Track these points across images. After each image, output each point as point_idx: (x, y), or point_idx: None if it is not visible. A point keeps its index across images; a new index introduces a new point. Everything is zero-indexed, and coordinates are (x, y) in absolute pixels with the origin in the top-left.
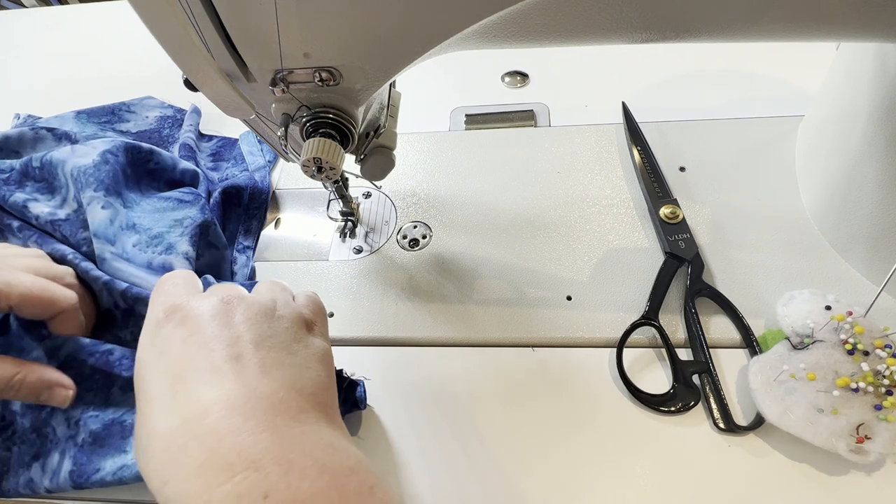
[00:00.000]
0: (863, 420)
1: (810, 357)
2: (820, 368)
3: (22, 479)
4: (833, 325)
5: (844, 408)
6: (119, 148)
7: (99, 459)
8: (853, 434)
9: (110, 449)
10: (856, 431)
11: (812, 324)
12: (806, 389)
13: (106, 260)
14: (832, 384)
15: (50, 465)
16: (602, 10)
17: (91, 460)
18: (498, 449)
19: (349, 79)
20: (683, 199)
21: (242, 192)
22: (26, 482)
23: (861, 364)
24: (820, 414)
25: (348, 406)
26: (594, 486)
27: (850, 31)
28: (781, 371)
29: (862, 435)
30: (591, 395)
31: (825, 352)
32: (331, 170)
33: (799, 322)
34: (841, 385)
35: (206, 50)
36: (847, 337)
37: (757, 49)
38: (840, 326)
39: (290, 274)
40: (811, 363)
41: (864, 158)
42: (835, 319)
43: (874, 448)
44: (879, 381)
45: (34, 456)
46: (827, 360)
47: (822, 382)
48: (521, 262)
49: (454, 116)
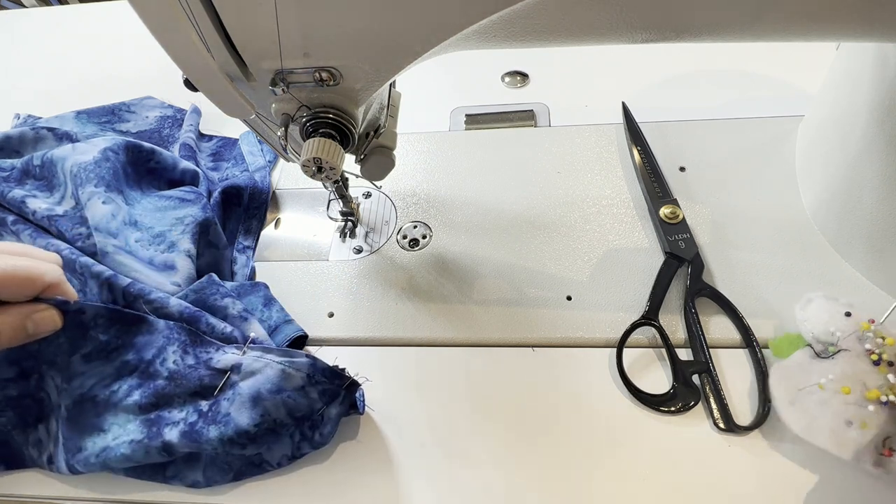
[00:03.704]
0: (891, 433)
1: (836, 367)
2: (848, 380)
3: (31, 439)
4: (857, 334)
5: (873, 421)
6: (120, 146)
7: (78, 437)
8: (878, 447)
9: (86, 427)
10: (882, 444)
11: (836, 331)
12: (835, 401)
13: (108, 254)
14: (862, 397)
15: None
16: (602, 10)
17: (72, 436)
18: (498, 449)
19: (349, 79)
20: (683, 199)
21: (242, 192)
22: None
23: (888, 375)
24: (848, 427)
25: (346, 408)
26: (594, 486)
27: (850, 31)
28: (809, 382)
29: (888, 448)
30: (591, 395)
31: (850, 361)
32: (331, 170)
33: (820, 328)
34: (872, 398)
35: (206, 50)
36: (873, 347)
37: (757, 49)
38: (864, 335)
39: (290, 274)
40: (839, 374)
41: (864, 158)
42: (862, 329)
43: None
44: None
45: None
46: (853, 371)
47: (853, 395)
48: (521, 262)
49: (454, 116)
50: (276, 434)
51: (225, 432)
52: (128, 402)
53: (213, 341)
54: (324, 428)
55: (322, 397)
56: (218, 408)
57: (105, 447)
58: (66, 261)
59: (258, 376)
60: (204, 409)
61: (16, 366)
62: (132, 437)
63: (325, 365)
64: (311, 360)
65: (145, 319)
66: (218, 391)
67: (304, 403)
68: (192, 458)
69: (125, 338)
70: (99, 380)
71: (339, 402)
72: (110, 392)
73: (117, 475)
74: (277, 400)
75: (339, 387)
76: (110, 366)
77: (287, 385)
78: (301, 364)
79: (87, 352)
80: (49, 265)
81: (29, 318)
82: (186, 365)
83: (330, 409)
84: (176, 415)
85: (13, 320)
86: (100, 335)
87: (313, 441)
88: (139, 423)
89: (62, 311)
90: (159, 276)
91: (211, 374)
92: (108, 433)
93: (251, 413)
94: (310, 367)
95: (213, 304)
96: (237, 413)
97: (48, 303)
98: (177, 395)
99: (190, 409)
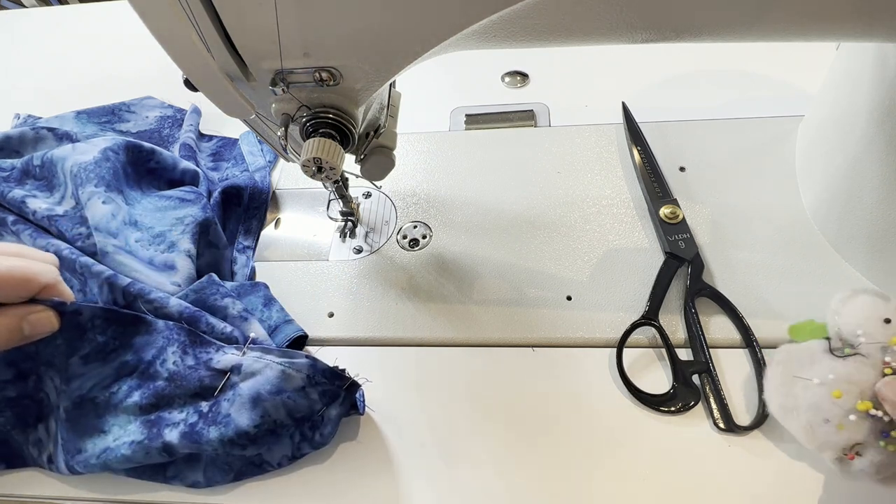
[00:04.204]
0: (863, 441)
1: (843, 368)
2: (847, 383)
3: (31, 438)
4: (883, 344)
5: (851, 427)
6: (120, 146)
7: (78, 439)
8: (846, 450)
9: (87, 428)
10: (850, 448)
11: (862, 334)
12: (823, 397)
13: (108, 254)
14: (852, 406)
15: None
16: (602, 10)
17: (71, 437)
18: (498, 449)
19: (349, 79)
20: (683, 199)
21: (242, 192)
22: (35, 441)
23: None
24: (825, 424)
25: (346, 408)
26: (594, 486)
27: (850, 31)
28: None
29: (853, 453)
30: (591, 395)
31: (860, 367)
32: (331, 170)
33: (850, 327)
34: (861, 409)
35: (206, 50)
36: (893, 361)
37: (757, 49)
38: (891, 349)
39: (290, 274)
40: (841, 375)
41: (864, 158)
42: (892, 343)
43: (860, 465)
44: None
45: (37, 417)
46: (858, 377)
47: (844, 399)
48: (521, 262)
49: (454, 116)
50: (277, 435)
51: (225, 433)
52: (128, 403)
53: (212, 341)
54: (324, 428)
55: (322, 398)
56: (218, 409)
57: (106, 448)
58: (66, 260)
59: (258, 377)
60: (204, 410)
61: (13, 367)
62: (132, 438)
63: (325, 366)
64: (311, 361)
65: (144, 320)
66: (218, 392)
67: (304, 404)
68: (192, 458)
69: (123, 338)
70: (98, 381)
71: (339, 402)
72: (110, 393)
73: (118, 475)
74: (277, 401)
75: (340, 387)
76: (109, 367)
77: (287, 386)
78: (301, 365)
79: (85, 353)
80: (45, 266)
81: (25, 320)
82: (186, 366)
83: (330, 410)
84: (176, 416)
85: (9, 322)
86: (97, 336)
87: (313, 441)
88: (139, 423)
89: (59, 313)
90: (159, 276)
91: (211, 375)
92: (109, 434)
93: (251, 414)
94: (310, 367)
95: (213, 304)
96: (237, 414)
97: (44, 304)
98: (177, 396)
99: (190, 410)
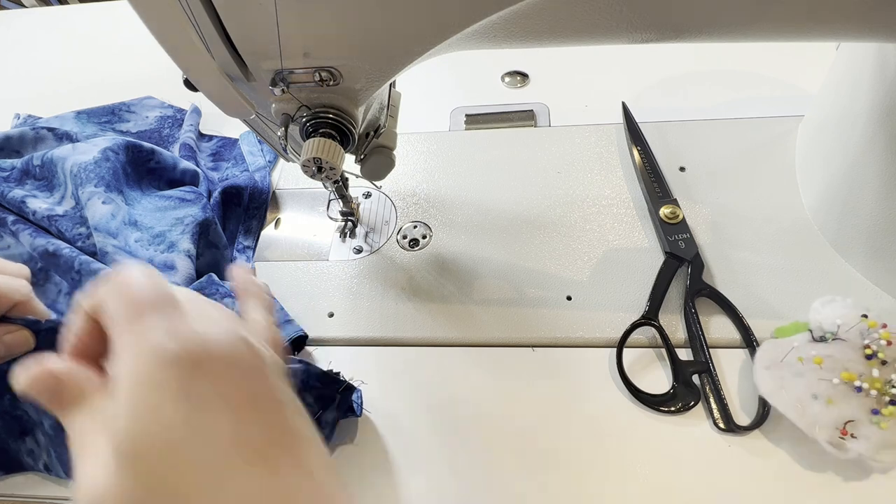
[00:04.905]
0: (854, 418)
1: (825, 350)
2: (830, 359)
3: (24, 448)
4: (861, 329)
5: (841, 401)
6: (120, 146)
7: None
8: (839, 427)
9: None
10: (842, 425)
11: (842, 324)
12: (809, 374)
13: (108, 254)
14: (836, 376)
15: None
16: (602, 10)
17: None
18: (498, 449)
19: (349, 79)
20: (683, 199)
21: (242, 192)
22: (28, 451)
23: (873, 370)
24: (814, 400)
25: (343, 411)
26: (594, 486)
27: (850, 31)
28: (790, 350)
29: (847, 430)
30: (592, 395)
31: (842, 349)
32: (331, 170)
33: (829, 321)
34: (844, 378)
35: (206, 50)
36: (872, 344)
37: (757, 49)
38: (868, 332)
39: (290, 274)
40: (823, 353)
41: (864, 158)
42: (870, 326)
43: (856, 447)
44: (886, 390)
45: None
46: (841, 356)
47: (826, 371)
48: (521, 262)
49: (454, 116)
50: None
51: None
52: None
53: None
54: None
55: (317, 403)
56: None
57: None
58: (66, 260)
59: None
60: None
61: None
62: None
63: (318, 370)
64: (304, 366)
65: None
66: None
67: None
68: None
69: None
70: None
71: (334, 406)
72: None
73: None
74: None
75: (335, 391)
76: None
77: None
78: (294, 370)
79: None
80: (17, 281)
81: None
82: None
83: (326, 415)
84: None
85: None
86: None
87: None
88: None
89: (33, 332)
90: None
91: None
92: None
93: None
94: (303, 372)
95: None
96: None
97: (18, 322)
98: None
99: None
